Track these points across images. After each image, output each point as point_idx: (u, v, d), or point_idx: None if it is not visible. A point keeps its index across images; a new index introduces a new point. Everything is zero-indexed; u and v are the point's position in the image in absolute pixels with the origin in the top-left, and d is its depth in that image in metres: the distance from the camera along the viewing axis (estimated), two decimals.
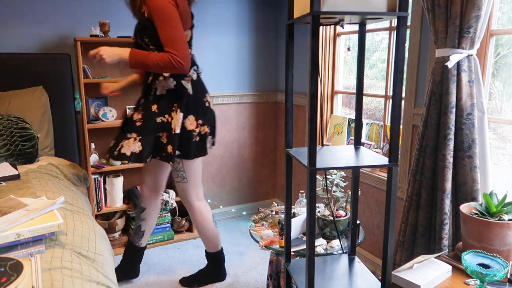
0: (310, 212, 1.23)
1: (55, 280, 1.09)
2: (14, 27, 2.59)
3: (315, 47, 1.15)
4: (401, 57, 1.21)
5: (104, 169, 2.81)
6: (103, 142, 2.97)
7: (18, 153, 2.21)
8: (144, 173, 2.41)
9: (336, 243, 1.90)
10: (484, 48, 1.91)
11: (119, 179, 2.89)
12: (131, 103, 2.98)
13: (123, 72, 2.94)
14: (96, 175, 2.82)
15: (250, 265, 2.72)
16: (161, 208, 2.93)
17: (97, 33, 2.66)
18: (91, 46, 2.68)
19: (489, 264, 1.36)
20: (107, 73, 2.90)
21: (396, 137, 1.27)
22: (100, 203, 2.84)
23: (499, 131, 2.05)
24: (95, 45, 2.65)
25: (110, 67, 2.89)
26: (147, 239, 2.51)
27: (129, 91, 2.96)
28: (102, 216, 2.97)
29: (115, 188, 2.86)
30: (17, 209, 1.31)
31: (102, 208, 2.86)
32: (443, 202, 1.85)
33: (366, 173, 2.58)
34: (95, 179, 2.80)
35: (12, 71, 2.52)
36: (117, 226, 2.90)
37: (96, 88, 2.85)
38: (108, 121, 2.86)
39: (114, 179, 2.86)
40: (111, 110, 2.89)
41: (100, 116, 2.85)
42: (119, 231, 2.95)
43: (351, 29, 2.77)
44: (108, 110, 2.88)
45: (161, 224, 2.99)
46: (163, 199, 2.91)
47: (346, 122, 2.89)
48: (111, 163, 2.84)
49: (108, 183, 2.86)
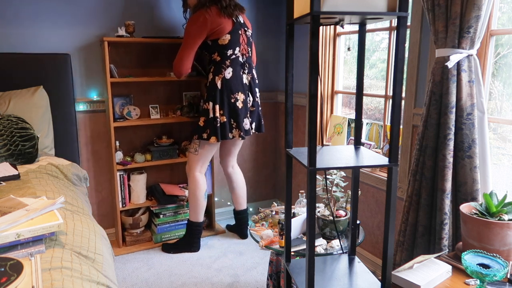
0: (310, 212, 1.23)
1: (55, 280, 1.09)
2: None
3: (315, 47, 1.15)
4: (401, 57, 1.21)
5: (129, 166, 2.87)
6: (127, 140, 3.04)
7: (18, 153, 2.21)
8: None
9: (336, 243, 1.90)
10: (484, 48, 1.91)
11: (143, 176, 2.96)
12: (154, 102, 3.09)
13: (146, 71, 3.01)
14: (121, 172, 2.88)
15: (250, 265, 2.72)
16: (184, 205, 3.04)
17: (123, 33, 2.75)
18: (117, 46, 2.86)
19: (489, 264, 1.36)
20: (131, 73, 2.96)
21: (396, 137, 1.27)
22: (125, 199, 2.92)
23: (499, 131, 2.05)
24: (121, 45, 2.85)
25: (135, 67, 2.97)
26: (202, 214, 2.86)
27: (152, 91, 3.07)
28: (126, 212, 3.04)
29: (139, 184, 2.94)
30: (17, 209, 1.31)
31: (126, 204, 2.93)
32: (443, 202, 1.85)
33: (366, 173, 2.58)
34: (120, 176, 2.88)
35: (12, 71, 2.52)
36: (141, 222, 2.99)
37: (121, 87, 2.94)
38: (132, 119, 2.92)
39: (137, 176, 2.93)
40: (135, 109, 2.94)
41: (124, 115, 2.90)
42: (143, 226, 3.04)
43: (351, 29, 2.77)
44: (132, 109, 2.93)
45: (182, 220, 3.07)
46: (185, 196, 3.02)
47: (346, 122, 2.89)
48: (135, 160, 2.92)
49: (132, 180, 2.93)
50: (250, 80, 2.73)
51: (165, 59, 3.05)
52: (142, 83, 3.01)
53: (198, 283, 2.50)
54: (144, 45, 2.97)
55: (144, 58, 2.99)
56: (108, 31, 2.85)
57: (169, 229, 3.02)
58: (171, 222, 3.02)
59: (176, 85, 3.14)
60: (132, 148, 3.06)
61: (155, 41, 2.83)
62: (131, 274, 2.61)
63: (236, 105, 2.63)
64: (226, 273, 2.62)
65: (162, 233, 3.00)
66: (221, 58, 2.63)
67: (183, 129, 3.22)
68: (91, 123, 2.91)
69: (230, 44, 2.61)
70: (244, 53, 2.70)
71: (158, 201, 2.97)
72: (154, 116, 3.02)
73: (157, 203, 2.98)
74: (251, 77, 2.74)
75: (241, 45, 2.66)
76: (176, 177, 3.28)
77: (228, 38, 2.60)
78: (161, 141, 3.02)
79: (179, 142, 3.18)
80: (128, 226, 2.96)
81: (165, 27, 3.03)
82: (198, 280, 2.53)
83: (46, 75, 2.61)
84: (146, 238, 3.02)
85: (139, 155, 2.92)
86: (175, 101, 3.15)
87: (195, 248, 2.89)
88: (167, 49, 3.04)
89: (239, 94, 2.63)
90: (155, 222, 2.99)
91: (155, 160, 2.97)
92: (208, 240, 3.09)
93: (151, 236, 3.04)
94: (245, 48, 2.71)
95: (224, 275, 2.60)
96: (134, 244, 2.97)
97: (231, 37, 2.60)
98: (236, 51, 2.64)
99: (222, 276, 2.59)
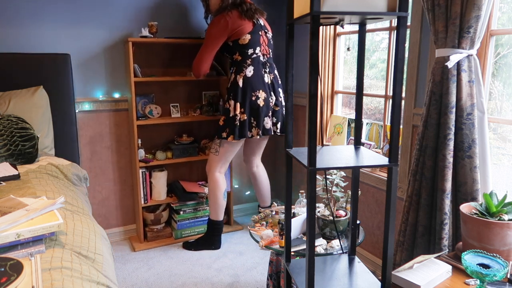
0: (310, 212, 1.23)
1: (55, 280, 1.09)
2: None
3: (315, 47, 1.15)
4: (401, 57, 1.21)
5: (151, 164, 2.94)
6: (148, 138, 3.11)
7: (18, 153, 2.21)
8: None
9: (336, 243, 1.90)
10: (484, 48, 1.91)
11: (163, 173, 3.02)
12: (175, 101, 3.16)
13: (168, 71, 3.09)
14: (142, 169, 2.94)
15: (250, 265, 2.72)
16: (203, 202, 3.12)
17: (146, 34, 2.82)
18: (141, 46, 2.95)
19: (489, 264, 1.36)
20: (153, 72, 3.03)
21: (396, 137, 1.27)
22: (147, 196, 2.99)
23: (499, 131, 2.05)
24: (143, 45, 2.93)
25: (156, 66, 3.04)
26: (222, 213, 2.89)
27: (173, 90, 3.14)
28: (147, 209, 3.10)
29: (160, 182, 3.01)
30: (17, 209, 1.31)
31: (148, 200, 3.00)
32: (443, 202, 1.85)
33: (366, 173, 2.58)
34: (142, 173, 2.94)
35: (12, 71, 2.52)
36: (162, 218, 3.07)
37: (144, 86, 3.02)
38: (154, 118, 2.98)
39: (159, 173, 3.00)
40: (156, 108, 3.00)
41: (146, 113, 2.97)
42: (163, 223, 3.11)
43: (351, 29, 2.77)
44: (153, 108, 2.99)
45: (202, 217, 3.13)
46: (205, 193, 3.08)
47: (346, 122, 2.88)
48: (156, 157, 2.98)
49: (153, 177, 3.00)
50: (272, 79, 2.76)
51: (186, 59, 3.12)
52: (163, 83, 3.09)
53: (198, 283, 2.50)
54: (165, 45, 3.04)
55: (165, 58, 3.08)
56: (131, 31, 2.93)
57: (189, 226, 3.09)
58: (191, 219, 3.09)
59: (196, 84, 3.21)
60: (153, 146, 3.14)
61: (178, 41, 2.90)
62: (131, 274, 2.61)
63: (257, 103, 2.65)
64: (226, 273, 2.62)
65: (182, 229, 3.07)
66: (242, 58, 2.68)
67: (202, 127, 3.30)
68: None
69: (251, 43, 2.66)
70: (265, 53, 2.75)
71: (178, 198, 3.05)
72: (175, 115, 3.08)
73: (177, 200, 3.06)
74: (273, 76, 2.77)
75: (261, 46, 2.71)
76: (195, 174, 3.36)
77: (249, 38, 2.65)
78: (181, 139, 3.11)
79: (199, 140, 3.26)
80: (149, 222, 3.05)
81: (184, 28, 3.10)
82: (198, 280, 2.53)
83: (46, 75, 2.61)
84: (167, 234, 3.09)
85: (161, 152, 3.00)
86: (195, 100, 3.23)
87: (216, 245, 2.93)
88: (187, 50, 3.11)
89: (260, 92, 2.66)
90: (175, 219, 3.06)
91: (176, 158, 3.04)
92: None
93: (171, 232, 3.12)
94: (266, 49, 2.75)
95: (224, 275, 2.60)
96: (155, 240, 3.05)
97: (252, 37, 2.66)
98: (257, 51, 2.69)
99: (222, 276, 2.59)
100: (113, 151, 3.02)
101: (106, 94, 2.93)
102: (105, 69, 2.90)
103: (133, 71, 2.77)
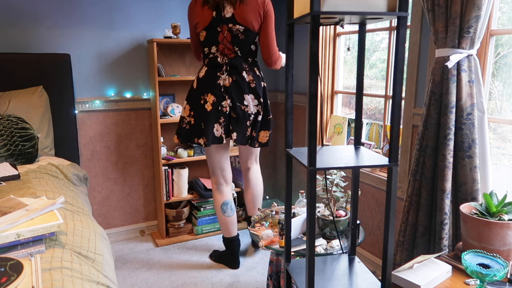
0: (310, 212, 1.23)
1: (55, 280, 1.09)
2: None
3: (315, 47, 1.15)
4: (401, 57, 1.21)
5: (173, 161, 3.01)
6: (170, 136, 3.21)
7: (18, 153, 2.21)
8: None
9: (336, 243, 1.90)
10: (484, 48, 1.91)
11: (185, 170, 3.09)
12: None
13: (189, 71, 3.19)
14: (165, 166, 3.01)
15: (250, 265, 2.72)
16: None
17: (170, 34, 2.88)
18: (164, 46, 3.05)
19: (489, 264, 1.36)
20: (175, 72, 3.14)
21: (396, 137, 1.27)
22: (169, 193, 3.06)
23: (499, 131, 2.05)
24: (169, 45, 3.01)
25: (178, 66, 3.15)
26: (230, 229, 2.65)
27: None
28: (169, 205, 3.19)
29: (182, 179, 3.08)
30: (17, 209, 1.31)
31: (170, 197, 3.07)
32: (443, 202, 1.85)
33: (366, 173, 2.58)
34: (165, 170, 3.00)
35: (12, 71, 2.52)
36: (183, 214, 3.15)
37: (166, 85, 3.10)
38: (175, 116, 3.04)
39: (180, 170, 3.06)
40: (178, 107, 3.07)
41: (168, 112, 3.04)
42: (185, 219, 3.19)
43: (351, 29, 2.77)
44: (175, 106, 3.05)
45: None
46: None
47: (346, 122, 2.88)
48: (178, 155, 3.05)
49: (175, 174, 3.06)
50: (231, 82, 2.31)
51: None
52: (184, 82, 3.14)
53: (198, 283, 2.50)
54: (186, 45, 3.10)
55: (186, 58, 3.14)
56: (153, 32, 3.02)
57: (209, 222, 3.16)
58: (211, 215, 3.15)
59: None
60: (174, 144, 3.20)
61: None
62: (131, 274, 2.61)
63: (205, 107, 2.33)
64: (226, 273, 2.62)
65: (202, 225, 3.14)
66: (202, 57, 2.45)
67: None
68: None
69: (206, 41, 2.33)
70: (227, 53, 2.32)
71: (199, 194, 3.11)
72: None
73: (198, 197, 3.12)
74: (235, 79, 2.31)
75: (220, 44, 2.31)
76: None
77: (204, 35, 2.32)
78: None
79: None
80: (171, 219, 3.10)
81: None
82: (198, 280, 2.53)
83: (46, 75, 2.61)
84: (188, 230, 3.17)
85: (182, 150, 3.06)
86: None
87: (232, 264, 2.68)
88: None
89: (208, 96, 2.32)
90: (196, 215, 3.13)
91: (197, 156, 3.12)
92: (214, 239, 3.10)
93: (192, 228, 3.18)
94: (228, 47, 2.31)
95: (224, 275, 2.60)
96: (177, 236, 3.12)
97: (207, 33, 2.31)
98: (213, 50, 2.33)
99: (222, 276, 2.59)
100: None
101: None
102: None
103: (157, 70, 2.83)
